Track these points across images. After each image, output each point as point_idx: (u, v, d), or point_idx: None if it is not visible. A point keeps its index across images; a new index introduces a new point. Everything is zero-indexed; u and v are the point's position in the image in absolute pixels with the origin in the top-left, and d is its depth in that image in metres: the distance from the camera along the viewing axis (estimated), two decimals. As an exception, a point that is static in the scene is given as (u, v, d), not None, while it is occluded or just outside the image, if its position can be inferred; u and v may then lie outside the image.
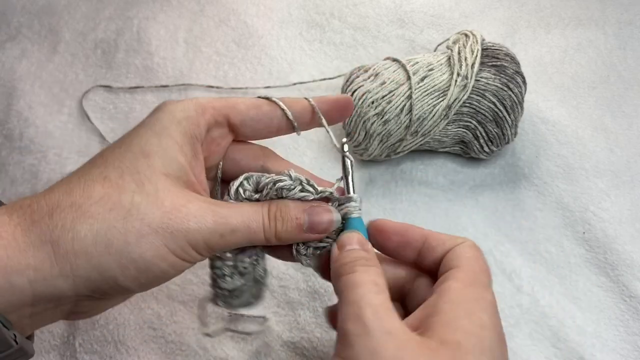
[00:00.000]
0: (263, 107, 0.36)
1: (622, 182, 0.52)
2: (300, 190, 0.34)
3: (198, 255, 0.31)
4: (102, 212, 0.29)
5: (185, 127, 0.33)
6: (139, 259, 0.29)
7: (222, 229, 0.31)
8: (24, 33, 0.68)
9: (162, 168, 0.32)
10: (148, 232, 0.29)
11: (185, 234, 0.30)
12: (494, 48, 0.52)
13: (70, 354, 0.46)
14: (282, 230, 0.33)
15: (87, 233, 0.29)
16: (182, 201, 0.31)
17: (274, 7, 0.68)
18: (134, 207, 0.30)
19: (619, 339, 0.45)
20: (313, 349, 0.45)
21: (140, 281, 0.30)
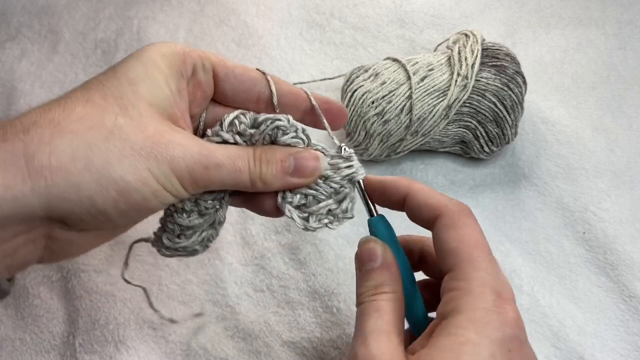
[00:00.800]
0: (251, 72, 0.36)
1: (622, 182, 0.53)
2: (293, 137, 0.34)
3: (182, 189, 0.30)
4: (82, 130, 0.28)
5: (171, 61, 0.33)
6: (120, 180, 0.28)
7: (207, 161, 0.30)
8: (24, 33, 0.68)
9: (148, 96, 0.31)
10: (131, 153, 0.28)
11: (169, 160, 0.29)
12: (494, 48, 0.52)
13: (70, 354, 0.46)
14: (267, 172, 0.32)
15: (66, 148, 0.27)
16: (166, 129, 0.30)
17: (274, 7, 0.68)
18: (116, 127, 0.29)
19: (619, 339, 0.45)
20: (313, 349, 0.45)
21: (119, 206, 0.28)
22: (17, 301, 0.49)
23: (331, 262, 0.49)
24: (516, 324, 0.29)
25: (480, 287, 0.29)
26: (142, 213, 0.31)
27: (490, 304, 0.28)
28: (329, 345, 0.45)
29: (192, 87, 0.35)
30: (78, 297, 0.48)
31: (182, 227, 0.34)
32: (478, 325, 0.28)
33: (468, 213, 0.32)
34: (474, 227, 0.32)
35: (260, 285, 0.48)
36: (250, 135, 0.34)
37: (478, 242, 0.31)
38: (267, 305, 0.47)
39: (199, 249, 0.36)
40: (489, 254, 0.31)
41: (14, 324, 0.48)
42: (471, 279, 0.29)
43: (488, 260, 0.30)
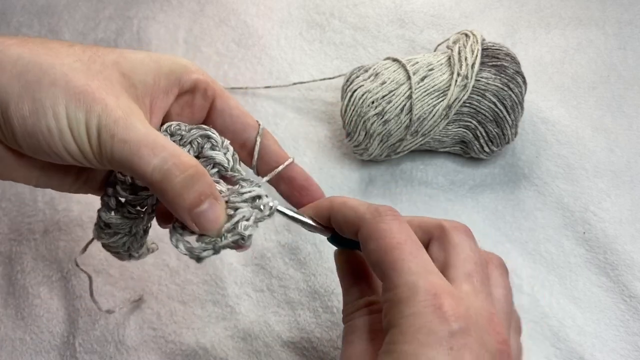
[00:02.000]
0: (248, 117, 0.36)
1: (622, 182, 0.52)
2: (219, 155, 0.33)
3: (86, 143, 0.29)
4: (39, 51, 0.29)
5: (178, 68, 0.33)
6: (37, 99, 0.28)
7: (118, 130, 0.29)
8: (24, 33, 0.68)
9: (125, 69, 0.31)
10: (61, 86, 0.29)
11: (87, 110, 0.29)
12: (494, 48, 0.52)
13: (70, 354, 0.46)
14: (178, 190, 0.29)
15: (14, 53, 0.29)
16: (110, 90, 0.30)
17: (274, 7, 0.68)
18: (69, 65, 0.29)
19: (619, 339, 0.45)
20: (313, 349, 0.45)
21: (26, 124, 0.28)
22: (17, 301, 0.49)
23: (331, 262, 0.49)
24: (456, 318, 0.26)
25: (407, 292, 0.27)
26: (45, 148, 0.30)
27: (421, 306, 0.26)
28: (329, 345, 0.45)
29: (184, 102, 0.35)
30: (78, 297, 0.48)
31: (104, 223, 0.34)
32: (409, 334, 0.26)
33: (385, 213, 0.30)
34: (392, 227, 0.29)
35: (260, 285, 0.48)
36: (180, 136, 0.33)
37: (398, 243, 0.28)
38: (267, 305, 0.47)
39: (122, 252, 0.36)
40: (416, 249, 0.28)
41: (14, 324, 0.48)
42: (397, 285, 0.27)
43: (412, 259, 0.28)
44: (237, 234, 0.30)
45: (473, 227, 0.51)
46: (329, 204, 0.33)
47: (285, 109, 0.59)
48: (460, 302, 0.27)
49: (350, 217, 0.31)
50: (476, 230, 0.50)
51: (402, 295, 0.27)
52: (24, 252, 0.51)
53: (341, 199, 0.33)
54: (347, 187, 0.53)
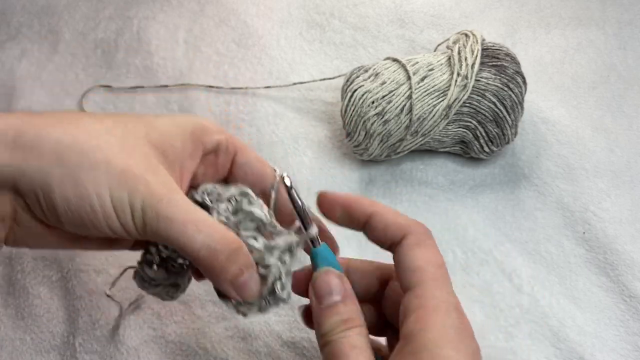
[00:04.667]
0: (267, 167, 0.37)
1: (622, 182, 0.52)
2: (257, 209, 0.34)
3: (131, 222, 0.30)
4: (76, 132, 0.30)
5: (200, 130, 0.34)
6: (81, 184, 0.29)
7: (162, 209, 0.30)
8: (24, 33, 0.68)
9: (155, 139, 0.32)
10: (102, 168, 0.30)
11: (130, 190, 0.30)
12: (494, 48, 0.52)
13: (71, 354, 0.46)
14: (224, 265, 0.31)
15: (52, 138, 0.29)
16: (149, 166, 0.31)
17: (274, 7, 0.67)
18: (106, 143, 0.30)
19: (619, 339, 0.45)
20: (313, 349, 0.45)
21: (70, 206, 0.30)
22: (17, 301, 0.49)
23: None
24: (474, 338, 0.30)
25: (445, 305, 0.30)
26: (87, 226, 0.31)
27: (457, 321, 0.30)
28: (329, 345, 0.45)
29: (209, 162, 0.36)
30: (78, 297, 0.48)
31: (149, 277, 0.35)
32: (453, 343, 0.28)
33: (431, 235, 0.33)
34: (436, 249, 0.33)
35: (260, 285, 0.48)
36: (217, 194, 0.34)
37: (441, 264, 0.32)
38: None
39: (166, 298, 0.37)
40: (448, 275, 0.32)
41: (14, 324, 0.48)
42: (437, 297, 0.30)
43: (448, 281, 0.32)
44: (277, 298, 0.33)
45: (473, 227, 0.51)
46: (371, 203, 0.35)
47: (285, 109, 0.59)
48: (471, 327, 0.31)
49: (399, 221, 0.33)
50: (476, 230, 0.51)
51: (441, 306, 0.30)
52: (24, 252, 0.51)
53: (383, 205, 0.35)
54: (347, 187, 0.53)
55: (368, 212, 0.34)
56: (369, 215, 0.34)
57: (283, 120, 0.58)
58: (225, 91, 0.61)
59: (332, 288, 0.32)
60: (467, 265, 0.49)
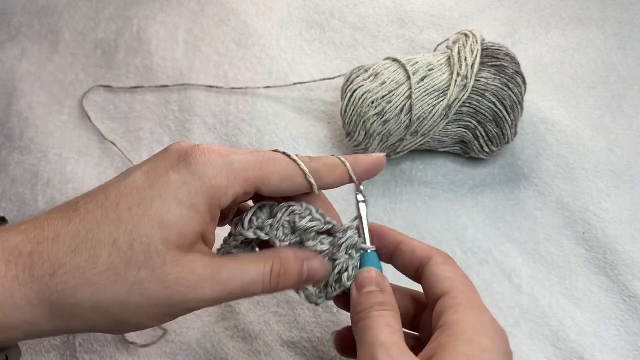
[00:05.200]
0: (296, 179, 0.34)
1: (622, 182, 0.53)
2: (310, 220, 0.35)
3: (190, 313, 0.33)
4: (105, 283, 0.30)
5: (211, 196, 0.31)
6: (135, 324, 0.32)
7: (219, 295, 0.32)
8: (24, 33, 0.68)
9: (176, 241, 0.31)
10: (147, 305, 0.30)
11: (183, 304, 0.31)
12: (494, 48, 0.52)
13: (71, 353, 0.46)
14: (285, 285, 0.34)
15: (87, 301, 0.30)
16: (185, 273, 0.31)
17: (274, 7, 0.68)
18: (137, 282, 0.30)
19: (619, 339, 0.45)
20: (313, 349, 0.45)
21: (122, 330, 0.33)
22: (17, 301, 0.49)
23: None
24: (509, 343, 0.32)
25: (479, 306, 0.32)
26: None
27: (492, 320, 0.32)
28: (329, 345, 0.45)
29: (229, 208, 0.35)
30: (78, 297, 0.48)
31: None
32: (489, 335, 0.30)
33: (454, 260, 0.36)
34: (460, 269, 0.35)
35: (260, 285, 0.48)
36: (269, 225, 0.35)
37: (468, 279, 0.34)
38: (267, 305, 0.47)
39: None
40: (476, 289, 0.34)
41: (14, 324, 0.48)
42: (471, 298, 0.33)
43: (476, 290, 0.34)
44: (342, 286, 0.35)
45: (473, 227, 0.51)
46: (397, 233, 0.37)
47: (285, 109, 0.59)
48: None
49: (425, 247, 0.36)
50: (476, 230, 0.51)
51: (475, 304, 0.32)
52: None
53: None
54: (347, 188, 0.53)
55: (397, 239, 0.37)
56: (399, 243, 0.36)
57: (283, 120, 0.58)
58: (225, 91, 0.61)
59: (373, 281, 0.34)
60: (467, 265, 0.49)
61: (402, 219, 0.52)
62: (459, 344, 0.29)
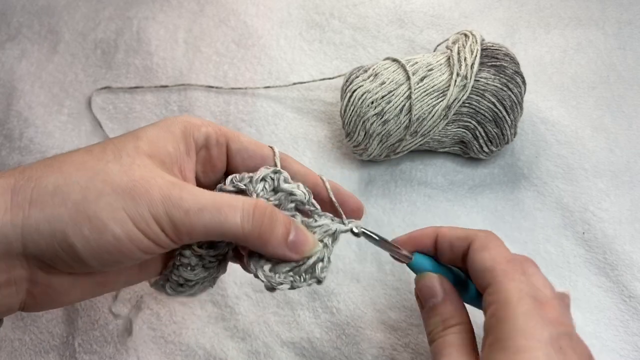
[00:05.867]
0: (263, 148, 0.37)
1: (621, 182, 0.52)
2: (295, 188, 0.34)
3: (161, 233, 0.29)
4: (70, 170, 0.29)
5: (185, 127, 0.34)
6: (93, 216, 0.28)
7: (188, 204, 0.29)
8: (24, 33, 0.68)
9: (147, 150, 0.31)
10: (108, 192, 0.28)
11: (148, 202, 0.29)
12: (494, 48, 0.52)
13: (70, 354, 0.46)
14: (268, 230, 0.31)
15: (48, 184, 0.28)
16: (153, 174, 0.30)
17: (273, 7, 0.68)
18: (103, 170, 0.29)
19: (619, 339, 0.45)
20: (313, 349, 0.45)
21: (91, 244, 0.28)
22: (16, 301, 0.49)
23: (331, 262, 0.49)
24: (559, 322, 0.30)
25: (517, 295, 0.31)
26: (117, 257, 0.29)
27: (529, 307, 0.30)
28: (329, 346, 0.45)
29: (203, 158, 0.36)
30: (77, 297, 0.48)
31: (186, 280, 0.35)
32: (524, 331, 0.29)
33: (495, 236, 0.35)
34: (502, 246, 0.34)
35: (259, 285, 0.48)
36: (249, 178, 0.34)
37: (509, 258, 0.33)
38: (267, 306, 0.47)
39: (199, 294, 0.37)
40: (522, 266, 0.33)
41: (13, 324, 0.48)
42: (508, 289, 0.31)
43: (521, 271, 0.33)
44: (314, 277, 0.33)
45: (472, 227, 0.51)
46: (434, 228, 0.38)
47: (284, 109, 0.59)
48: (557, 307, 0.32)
49: (462, 233, 0.36)
50: (476, 231, 0.51)
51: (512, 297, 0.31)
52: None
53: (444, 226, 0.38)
54: (347, 187, 0.52)
55: (433, 236, 0.37)
56: (435, 239, 0.37)
57: (283, 120, 0.58)
58: (225, 91, 0.61)
59: (432, 291, 0.35)
60: (467, 265, 0.49)
61: (402, 219, 0.52)
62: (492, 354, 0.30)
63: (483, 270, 0.33)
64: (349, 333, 0.45)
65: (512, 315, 0.30)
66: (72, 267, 0.29)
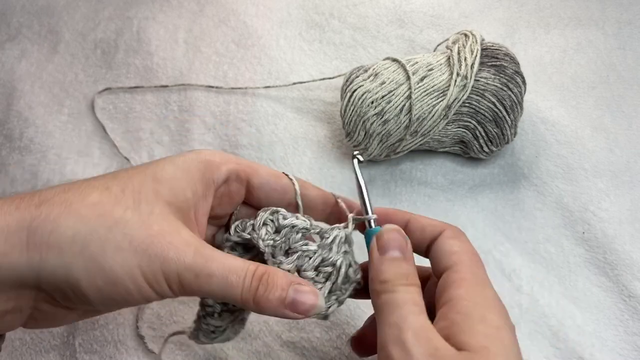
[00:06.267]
0: (282, 179, 0.37)
1: (621, 182, 0.53)
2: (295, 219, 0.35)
3: (168, 290, 0.31)
4: (89, 216, 0.29)
5: (205, 167, 0.34)
6: (109, 270, 0.29)
7: (199, 269, 0.30)
8: (24, 33, 0.68)
9: (167, 195, 0.32)
10: (127, 247, 0.29)
11: (162, 261, 0.30)
12: (494, 48, 0.52)
13: (70, 354, 0.46)
14: (263, 296, 0.31)
15: (67, 230, 0.29)
16: (170, 229, 0.30)
17: (273, 7, 0.68)
18: (122, 220, 0.30)
19: (618, 339, 0.45)
20: (313, 349, 0.45)
21: (102, 293, 0.30)
22: (17, 301, 0.49)
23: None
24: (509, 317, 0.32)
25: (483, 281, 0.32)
26: (122, 304, 0.31)
27: (495, 295, 0.32)
28: (329, 345, 0.45)
29: (222, 193, 0.36)
30: (78, 297, 0.48)
31: (215, 327, 0.36)
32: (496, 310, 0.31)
33: (464, 234, 0.36)
34: (470, 243, 0.35)
35: (259, 285, 0.48)
36: (252, 225, 0.35)
37: (476, 253, 0.34)
38: (267, 305, 0.47)
39: (232, 337, 0.38)
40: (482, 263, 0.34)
41: (13, 324, 0.48)
42: (476, 274, 0.32)
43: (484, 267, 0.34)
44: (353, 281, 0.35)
45: (473, 227, 0.51)
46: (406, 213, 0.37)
47: (284, 109, 0.59)
48: None
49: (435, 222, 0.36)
50: (476, 230, 0.51)
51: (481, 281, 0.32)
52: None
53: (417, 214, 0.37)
54: (347, 187, 0.53)
55: (405, 218, 0.36)
56: (407, 221, 0.36)
57: (283, 120, 0.58)
58: (225, 91, 0.61)
59: (398, 244, 0.33)
60: (467, 265, 0.49)
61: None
62: (472, 322, 0.29)
63: (450, 253, 0.33)
64: (349, 333, 0.45)
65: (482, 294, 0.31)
66: (77, 305, 0.31)
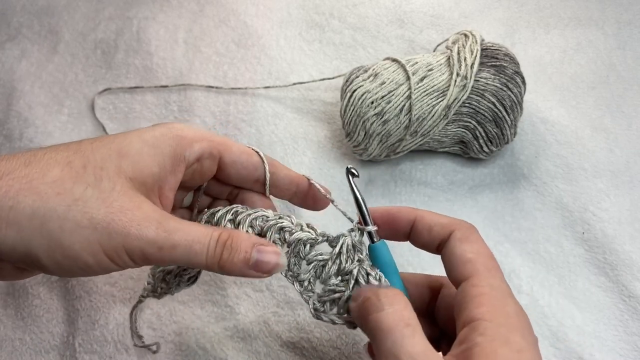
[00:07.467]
0: (254, 157, 0.37)
1: (621, 182, 0.53)
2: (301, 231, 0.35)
3: (131, 262, 0.31)
4: (49, 193, 0.29)
5: (177, 143, 0.34)
6: (68, 247, 0.29)
7: (162, 242, 0.30)
8: (24, 33, 0.68)
9: (130, 171, 0.31)
10: (87, 225, 0.29)
11: (123, 237, 0.30)
12: (494, 48, 0.52)
13: (70, 354, 0.46)
14: (227, 260, 0.32)
15: (27, 207, 0.29)
16: (131, 205, 0.30)
17: (273, 7, 0.68)
18: (82, 198, 0.29)
19: (618, 339, 0.45)
20: (313, 349, 0.45)
21: (62, 266, 0.30)
22: (16, 301, 0.49)
23: None
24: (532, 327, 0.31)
25: (502, 293, 0.31)
26: (82, 275, 0.32)
27: (516, 307, 0.30)
28: (329, 345, 0.45)
29: (193, 170, 0.36)
30: (78, 297, 0.48)
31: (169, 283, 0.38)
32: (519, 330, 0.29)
33: (476, 230, 0.34)
34: (483, 242, 0.34)
35: (259, 285, 0.48)
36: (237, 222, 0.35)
37: (490, 255, 0.33)
38: (267, 306, 0.47)
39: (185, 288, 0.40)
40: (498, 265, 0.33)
41: (13, 324, 0.48)
42: (493, 285, 0.31)
43: (500, 271, 0.33)
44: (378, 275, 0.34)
45: (472, 227, 0.51)
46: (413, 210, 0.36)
47: (284, 109, 0.59)
48: None
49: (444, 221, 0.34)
50: (475, 230, 0.51)
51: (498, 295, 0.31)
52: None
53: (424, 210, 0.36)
54: (347, 187, 0.53)
55: (411, 217, 0.35)
56: (413, 220, 0.35)
57: (282, 120, 0.58)
58: (224, 91, 0.61)
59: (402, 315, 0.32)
60: (467, 265, 0.49)
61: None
62: (494, 344, 0.28)
63: (465, 261, 0.32)
64: (349, 333, 0.45)
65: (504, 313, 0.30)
66: (37, 272, 0.32)
